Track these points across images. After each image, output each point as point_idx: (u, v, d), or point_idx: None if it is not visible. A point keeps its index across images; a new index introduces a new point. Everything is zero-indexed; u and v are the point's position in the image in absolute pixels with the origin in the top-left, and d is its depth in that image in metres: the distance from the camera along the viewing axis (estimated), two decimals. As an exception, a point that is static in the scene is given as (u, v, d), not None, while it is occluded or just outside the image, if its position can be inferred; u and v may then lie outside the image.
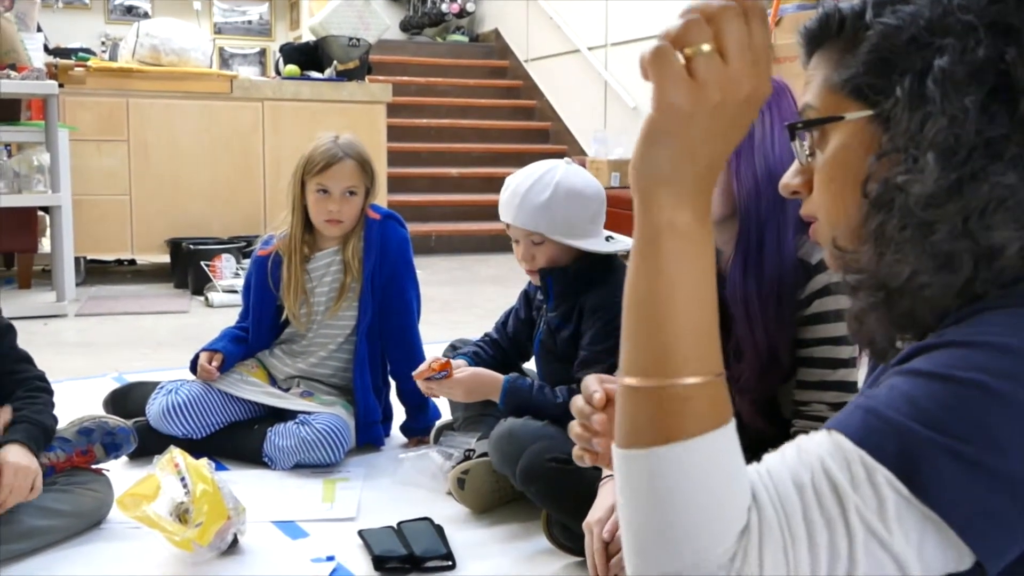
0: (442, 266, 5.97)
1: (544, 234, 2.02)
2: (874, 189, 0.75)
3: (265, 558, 1.86)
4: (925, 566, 0.65)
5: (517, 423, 1.99)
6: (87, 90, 5.17)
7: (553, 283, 2.11)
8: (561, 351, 2.10)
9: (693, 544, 0.63)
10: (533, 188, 2.01)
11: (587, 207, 2.03)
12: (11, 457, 1.78)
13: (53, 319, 4.27)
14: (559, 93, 8.05)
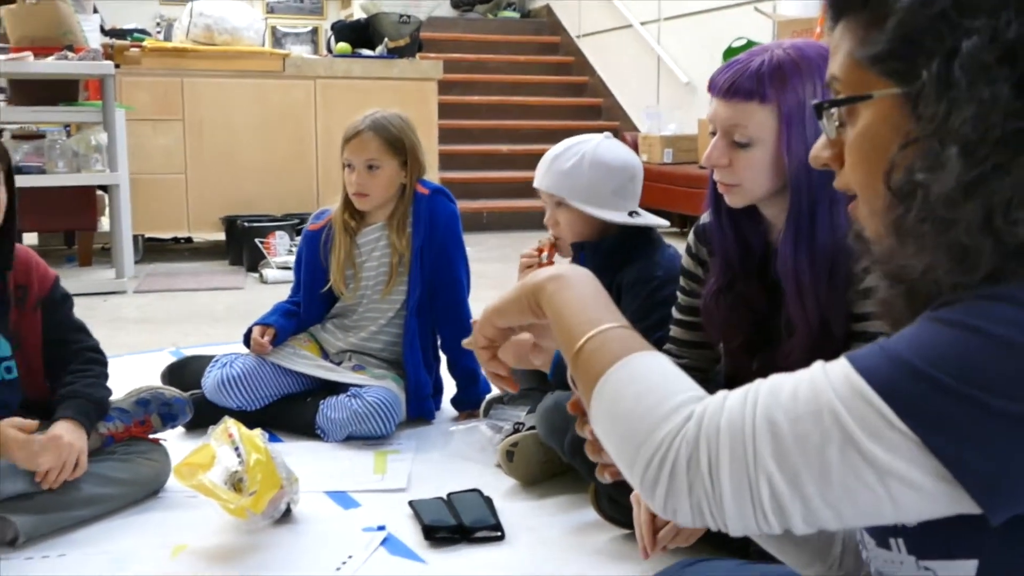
0: (493, 243, 5.98)
1: (564, 198, 2.04)
2: (897, 180, 0.73)
3: (318, 527, 1.89)
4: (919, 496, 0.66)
5: (564, 395, 1.99)
6: (143, 70, 5.24)
7: (585, 259, 2.11)
8: None
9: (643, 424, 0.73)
10: (563, 155, 2.06)
11: (611, 179, 2.04)
12: (55, 430, 1.82)
13: (113, 296, 4.36)
14: (611, 69, 7.99)
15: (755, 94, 1.47)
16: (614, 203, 2.05)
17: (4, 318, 1.91)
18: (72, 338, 2.01)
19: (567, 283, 0.88)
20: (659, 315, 1.94)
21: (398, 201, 2.48)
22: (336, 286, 2.50)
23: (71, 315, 2.04)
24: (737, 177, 1.53)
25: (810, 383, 0.70)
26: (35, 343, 1.97)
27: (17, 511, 1.79)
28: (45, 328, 1.97)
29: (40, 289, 1.97)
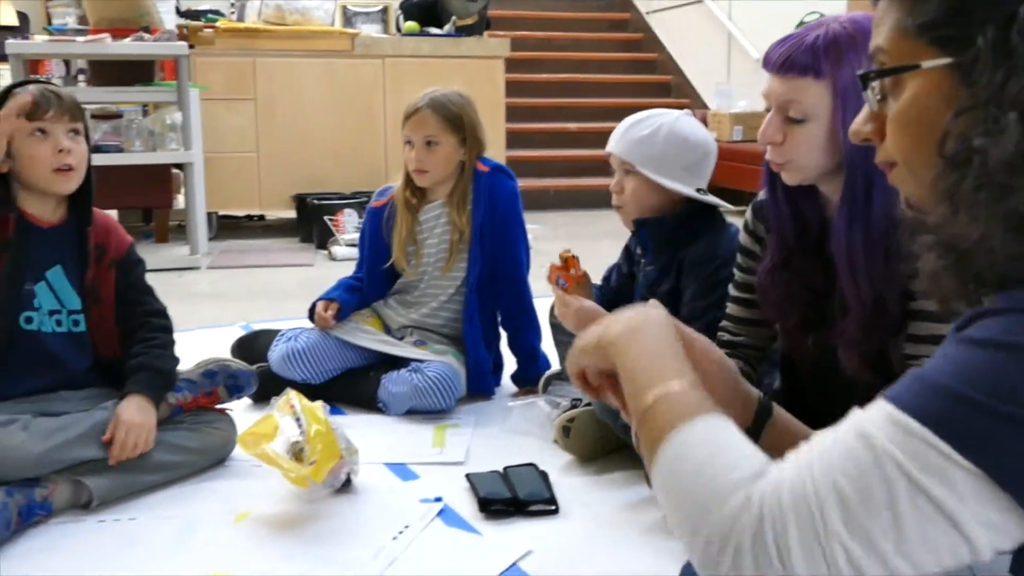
0: (559, 221, 5.98)
1: (634, 165, 2.05)
2: (951, 148, 0.71)
3: (376, 497, 1.94)
4: (991, 531, 0.64)
5: (620, 372, 2.00)
6: (216, 51, 5.35)
7: (648, 234, 2.11)
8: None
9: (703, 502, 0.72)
10: (641, 123, 2.08)
11: (684, 153, 2.04)
12: (125, 415, 1.90)
13: (187, 271, 4.48)
14: (681, 45, 7.90)
15: (810, 69, 1.45)
16: (683, 178, 2.06)
17: (81, 274, 2.00)
18: (141, 300, 2.09)
19: (636, 336, 0.91)
20: (720, 294, 1.94)
21: (458, 179, 2.50)
22: (398, 262, 2.54)
23: (143, 279, 2.12)
24: (791, 154, 1.51)
25: (858, 435, 0.69)
26: (110, 301, 2.05)
27: (91, 475, 1.87)
28: (117, 288, 2.06)
29: (116, 251, 2.06)
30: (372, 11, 8.59)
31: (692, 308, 2.03)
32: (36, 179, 1.93)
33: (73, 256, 2.00)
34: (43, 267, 1.97)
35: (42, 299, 1.96)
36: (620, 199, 2.12)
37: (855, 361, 1.57)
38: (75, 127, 1.95)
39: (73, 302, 2.00)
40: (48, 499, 1.82)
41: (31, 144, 1.91)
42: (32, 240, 1.94)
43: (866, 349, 1.56)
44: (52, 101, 1.91)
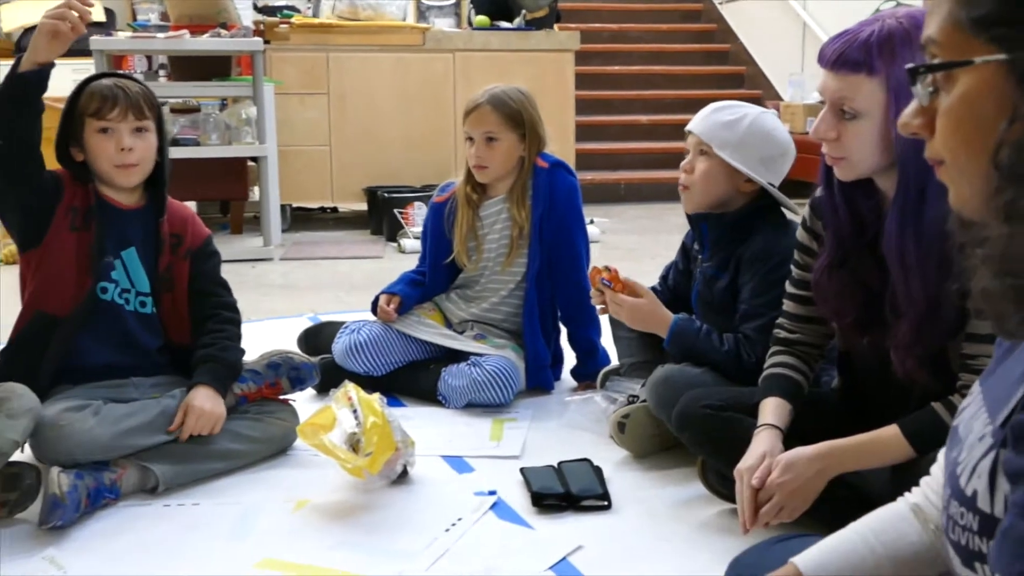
0: (630, 214, 5.96)
1: (712, 147, 2.04)
2: (1006, 158, 0.67)
3: (431, 489, 1.97)
4: None
5: (675, 369, 2.01)
6: (291, 46, 5.45)
7: (708, 230, 2.11)
8: (718, 302, 2.09)
9: None
10: (726, 108, 2.08)
11: (764, 146, 2.04)
12: (196, 401, 1.97)
13: (260, 262, 4.58)
14: (754, 36, 7.79)
15: (863, 65, 1.44)
16: (758, 170, 2.05)
17: (155, 260, 2.08)
18: (213, 291, 2.16)
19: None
20: (778, 292, 1.92)
21: (518, 174, 2.52)
22: (459, 257, 2.57)
23: (216, 271, 2.20)
24: (844, 150, 1.50)
25: None
26: (183, 290, 2.13)
27: (158, 461, 1.93)
28: (191, 278, 2.13)
29: (192, 242, 2.15)
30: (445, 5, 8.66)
31: (751, 306, 2.02)
32: (101, 172, 2.03)
33: (147, 241, 2.09)
34: (120, 246, 2.06)
35: (118, 275, 2.05)
36: (688, 179, 2.10)
37: (910, 364, 1.55)
38: (140, 125, 2.02)
39: (143, 284, 2.08)
40: (116, 483, 1.89)
41: (96, 140, 2.00)
42: (110, 217, 2.04)
43: (922, 352, 1.53)
44: (119, 99, 1.98)
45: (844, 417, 1.74)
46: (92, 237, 2.01)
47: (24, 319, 2.03)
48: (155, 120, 2.06)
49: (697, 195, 2.11)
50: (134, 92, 2.02)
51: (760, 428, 1.69)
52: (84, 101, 2.00)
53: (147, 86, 2.09)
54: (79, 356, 2.02)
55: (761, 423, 1.70)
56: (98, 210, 2.03)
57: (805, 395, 1.77)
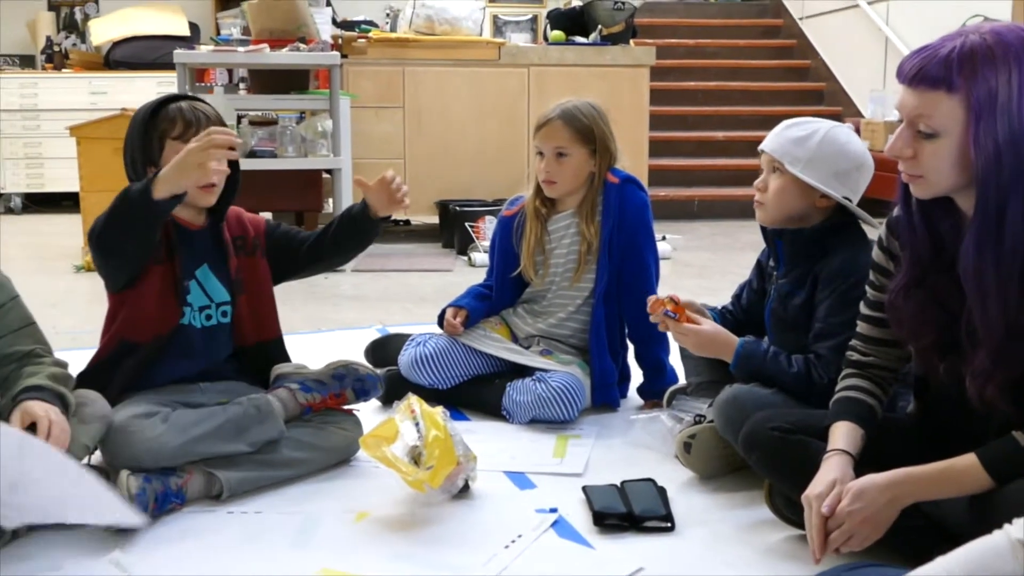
0: (703, 231, 5.89)
1: (784, 163, 2.00)
2: None
3: (492, 504, 1.95)
4: None
5: (743, 389, 1.96)
6: (368, 60, 5.52)
7: (783, 246, 2.06)
8: (792, 319, 2.04)
9: None
10: (798, 125, 2.04)
11: (838, 160, 1.98)
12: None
13: (333, 273, 4.62)
14: (835, 52, 7.66)
15: (942, 82, 1.39)
16: (832, 184, 1.99)
17: (224, 267, 2.12)
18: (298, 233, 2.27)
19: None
20: (855, 311, 1.87)
21: (587, 190, 2.50)
22: (526, 272, 2.56)
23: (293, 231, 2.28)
24: (921, 169, 1.45)
25: None
26: (259, 288, 2.17)
27: (224, 467, 1.95)
28: (279, 249, 2.21)
29: (256, 233, 2.20)
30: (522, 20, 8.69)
31: (826, 324, 1.96)
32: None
33: (215, 253, 2.12)
34: (194, 266, 2.09)
35: (193, 296, 2.08)
36: (762, 196, 2.07)
37: (989, 392, 1.48)
38: None
39: (221, 295, 2.12)
40: (183, 488, 1.91)
41: None
42: (186, 242, 2.07)
43: (1000, 380, 1.47)
44: (201, 123, 2.01)
45: (920, 444, 1.68)
46: (176, 267, 2.05)
47: (108, 348, 2.06)
48: None
49: (771, 211, 2.06)
50: (212, 114, 2.06)
51: (830, 453, 1.64)
52: (164, 124, 2.02)
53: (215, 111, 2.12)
54: (151, 374, 2.06)
55: (831, 448, 1.65)
56: (177, 238, 2.06)
57: (878, 420, 1.72)
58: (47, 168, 7.06)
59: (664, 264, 2.74)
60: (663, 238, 4.90)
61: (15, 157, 7.08)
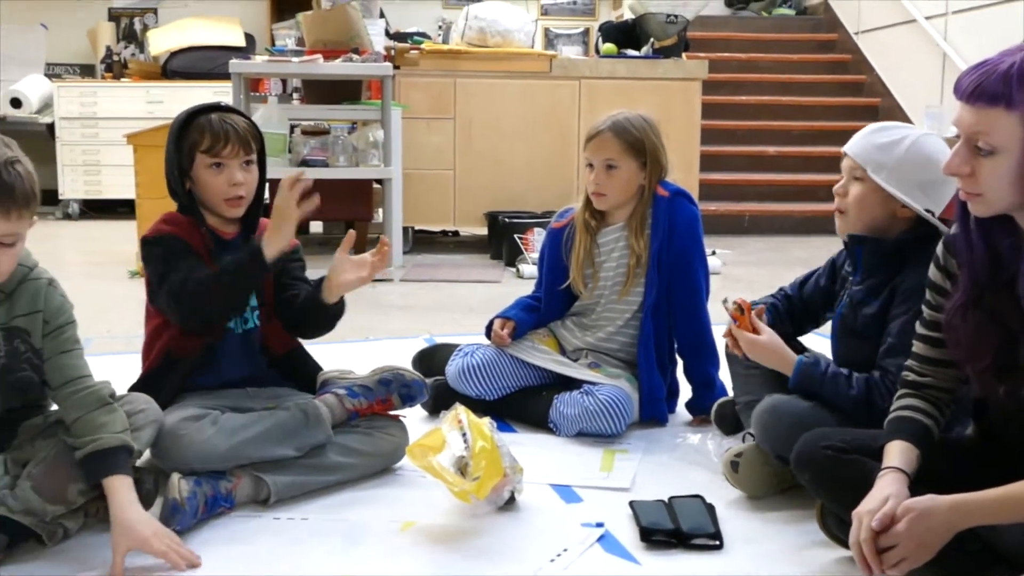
0: (753, 247, 5.84)
1: (868, 171, 1.94)
2: None
3: (538, 517, 1.94)
4: None
5: (782, 399, 1.93)
6: (419, 71, 5.56)
7: (863, 254, 2.00)
8: (861, 328, 1.98)
9: None
10: (884, 130, 1.98)
11: (923, 171, 1.92)
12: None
13: (381, 283, 4.65)
14: (891, 67, 7.56)
15: (1000, 98, 1.36)
16: (916, 196, 1.93)
17: None
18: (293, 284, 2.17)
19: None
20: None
21: (637, 203, 2.48)
22: (575, 284, 2.55)
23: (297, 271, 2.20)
24: (979, 187, 1.42)
25: None
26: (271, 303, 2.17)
27: (271, 471, 1.97)
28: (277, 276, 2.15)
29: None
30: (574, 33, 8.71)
31: (898, 341, 1.89)
32: (211, 205, 2.08)
33: None
34: None
35: None
36: (842, 203, 2.01)
37: None
38: (248, 159, 2.08)
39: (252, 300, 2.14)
40: (232, 492, 1.93)
41: (208, 175, 2.05)
42: (223, 250, 2.09)
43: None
44: (230, 136, 2.04)
45: (978, 466, 1.64)
46: None
47: (156, 362, 2.08)
48: (257, 150, 2.12)
49: (852, 220, 2.01)
50: (242, 127, 2.07)
51: (884, 471, 1.61)
52: (194, 137, 2.05)
53: (248, 116, 2.14)
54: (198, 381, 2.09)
55: (886, 466, 1.62)
56: (216, 248, 2.08)
57: (935, 441, 1.68)
58: (104, 175, 7.19)
59: (714, 279, 2.71)
60: (713, 252, 4.86)
61: (74, 164, 7.23)
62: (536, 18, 6.52)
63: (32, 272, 1.80)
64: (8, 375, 1.77)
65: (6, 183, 1.61)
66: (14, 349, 1.77)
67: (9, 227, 1.64)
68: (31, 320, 1.78)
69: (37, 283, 1.79)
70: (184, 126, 2.06)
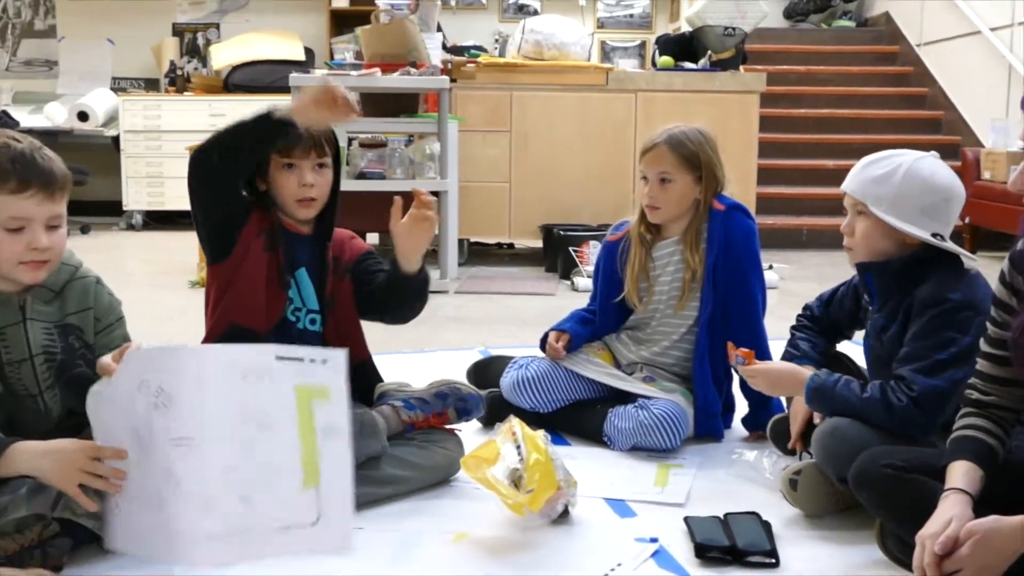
0: (811, 261, 5.77)
1: (868, 205, 1.93)
2: None
3: (591, 531, 1.93)
4: None
5: (843, 421, 1.90)
6: (476, 84, 5.59)
7: (873, 280, 2.00)
8: (888, 353, 1.96)
9: None
10: (878, 162, 1.97)
11: (924, 195, 1.91)
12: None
13: (436, 295, 4.66)
14: (955, 79, 7.43)
15: (1071, 111, 1.33)
16: (920, 221, 1.92)
17: (323, 281, 2.17)
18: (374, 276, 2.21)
19: None
20: (947, 337, 1.81)
21: (692, 216, 2.47)
22: (629, 297, 2.53)
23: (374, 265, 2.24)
24: (1049, 202, 1.39)
25: None
26: (345, 312, 2.20)
27: (327, 484, 1.98)
28: (355, 279, 2.20)
29: (349, 257, 2.23)
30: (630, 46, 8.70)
31: (912, 348, 1.88)
32: (282, 204, 2.12)
33: (313, 264, 2.18)
34: (294, 267, 2.15)
35: (292, 293, 2.14)
36: (850, 241, 2.02)
37: None
38: (321, 161, 2.11)
39: (312, 302, 2.17)
40: (288, 502, 1.94)
41: (281, 175, 2.09)
42: (288, 240, 2.13)
43: None
44: (303, 138, 2.07)
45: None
46: (280, 258, 2.10)
47: (217, 330, 2.11)
48: (333, 154, 2.14)
49: (861, 255, 2.02)
50: (316, 130, 2.10)
51: (947, 492, 1.58)
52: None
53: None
54: None
55: (949, 487, 1.59)
56: (281, 234, 2.13)
57: (999, 461, 1.64)
58: (167, 187, 7.33)
59: (771, 293, 2.68)
60: (769, 267, 4.81)
61: (137, 176, 7.38)
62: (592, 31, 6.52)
63: (79, 271, 1.86)
64: (65, 371, 1.81)
65: (44, 167, 1.68)
66: (69, 346, 1.81)
67: (56, 208, 1.71)
68: (83, 317, 1.84)
69: (85, 281, 1.85)
70: None
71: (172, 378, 1.48)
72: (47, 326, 1.79)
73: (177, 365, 1.50)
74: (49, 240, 1.71)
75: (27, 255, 1.70)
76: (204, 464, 1.49)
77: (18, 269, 1.71)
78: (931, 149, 2.05)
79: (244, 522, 1.51)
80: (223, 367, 1.49)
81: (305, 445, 1.52)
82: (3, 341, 1.75)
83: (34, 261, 1.71)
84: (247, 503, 1.51)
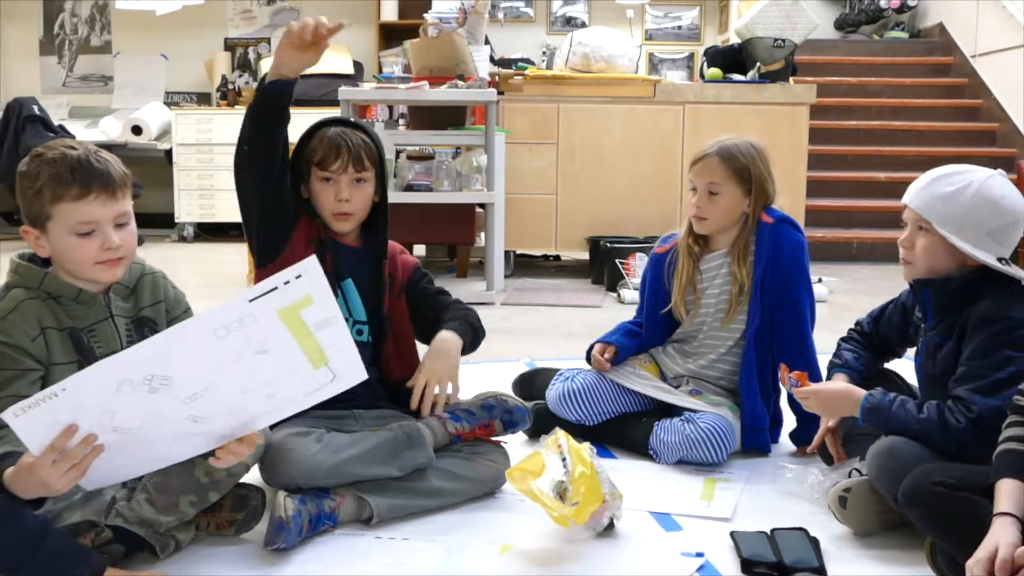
0: (861, 274, 5.70)
1: (932, 223, 1.90)
2: None
3: (637, 545, 1.93)
4: None
5: (899, 440, 1.87)
6: (523, 97, 5.61)
7: (931, 298, 1.96)
8: (941, 372, 1.93)
9: None
10: (946, 178, 1.93)
11: (993, 218, 1.87)
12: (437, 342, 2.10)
13: (482, 306, 4.68)
14: (1010, 91, 7.30)
15: None
16: (986, 244, 1.88)
17: (379, 299, 2.20)
18: (439, 298, 2.28)
19: None
20: (1004, 356, 1.78)
21: (741, 229, 2.45)
22: (676, 310, 2.52)
23: (432, 284, 2.31)
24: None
25: None
26: (402, 328, 2.23)
27: (375, 493, 2.00)
28: (411, 299, 2.25)
29: (403, 276, 2.26)
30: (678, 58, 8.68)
31: (968, 367, 1.85)
32: (321, 216, 2.16)
33: (362, 277, 2.20)
34: (340, 277, 2.17)
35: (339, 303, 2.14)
36: (909, 255, 1.98)
37: None
38: (360, 176, 2.13)
39: (359, 313, 2.19)
40: (335, 511, 1.96)
41: (319, 187, 2.13)
42: (336, 250, 2.17)
43: None
44: (341, 151, 2.10)
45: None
46: (327, 265, 2.12)
47: None
48: (375, 168, 2.16)
49: (920, 272, 1.98)
50: (356, 144, 2.12)
51: (995, 516, 1.55)
52: (311, 148, 2.13)
53: (373, 133, 2.19)
54: None
55: (997, 510, 1.56)
56: (330, 243, 2.16)
57: (1050, 478, 1.61)
58: (218, 199, 7.44)
59: (820, 307, 2.66)
60: (819, 280, 4.76)
61: (189, 188, 7.50)
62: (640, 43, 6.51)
63: (146, 267, 1.93)
64: None
65: (101, 170, 1.73)
66: (144, 338, 1.85)
67: (119, 207, 1.75)
68: (156, 310, 1.90)
69: (154, 275, 1.93)
70: (310, 135, 2.15)
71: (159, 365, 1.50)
72: (126, 321, 1.86)
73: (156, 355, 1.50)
74: (120, 238, 1.76)
75: (102, 255, 1.75)
76: (223, 400, 1.59)
77: (96, 270, 1.76)
78: (985, 162, 2.00)
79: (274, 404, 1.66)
80: (206, 335, 1.52)
81: (306, 345, 1.59)
82: (94, 337, 1.79)
83: (110, 260, 1.76)
84: (272, 399, 1.64)
